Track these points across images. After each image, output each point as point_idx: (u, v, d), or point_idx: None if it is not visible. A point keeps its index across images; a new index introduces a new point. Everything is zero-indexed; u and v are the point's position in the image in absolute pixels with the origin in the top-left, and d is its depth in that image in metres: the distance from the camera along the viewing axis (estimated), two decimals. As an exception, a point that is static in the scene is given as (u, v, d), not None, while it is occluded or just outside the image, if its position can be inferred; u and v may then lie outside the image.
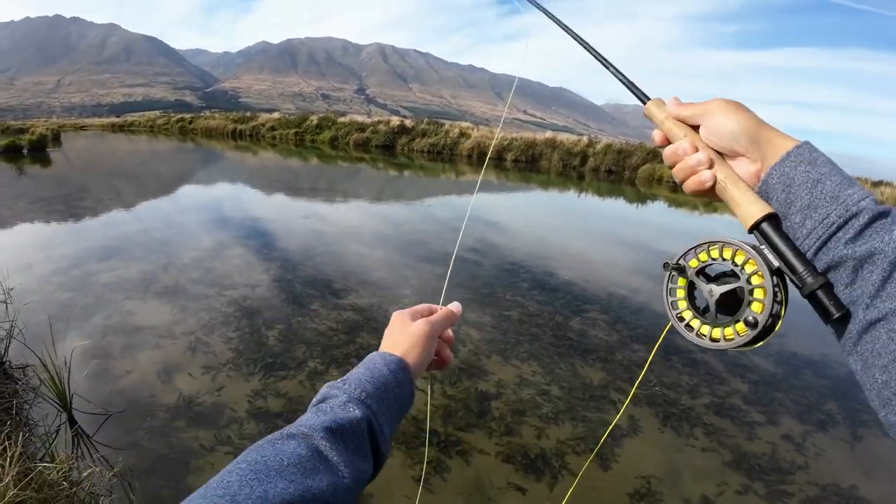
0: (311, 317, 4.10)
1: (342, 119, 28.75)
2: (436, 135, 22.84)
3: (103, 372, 3.20)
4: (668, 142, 0.59)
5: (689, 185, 0.57)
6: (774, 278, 0.51)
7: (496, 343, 3.83)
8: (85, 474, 2.08)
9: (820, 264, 0.48)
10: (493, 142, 20.73)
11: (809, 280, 0.48)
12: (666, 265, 0.60)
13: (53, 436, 2.56)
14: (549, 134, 21.52)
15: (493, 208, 10.23)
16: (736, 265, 0.54)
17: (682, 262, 0.59)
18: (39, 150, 20.10)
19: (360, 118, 30.17)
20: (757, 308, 0.51)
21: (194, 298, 4.41)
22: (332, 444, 0.47)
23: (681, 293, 0.60)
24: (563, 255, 6.75)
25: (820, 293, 0.47)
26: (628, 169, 17.96)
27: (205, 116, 39.07)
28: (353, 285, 4.89)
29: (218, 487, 0.39)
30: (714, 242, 0.56)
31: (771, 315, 0.51)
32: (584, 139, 20.50)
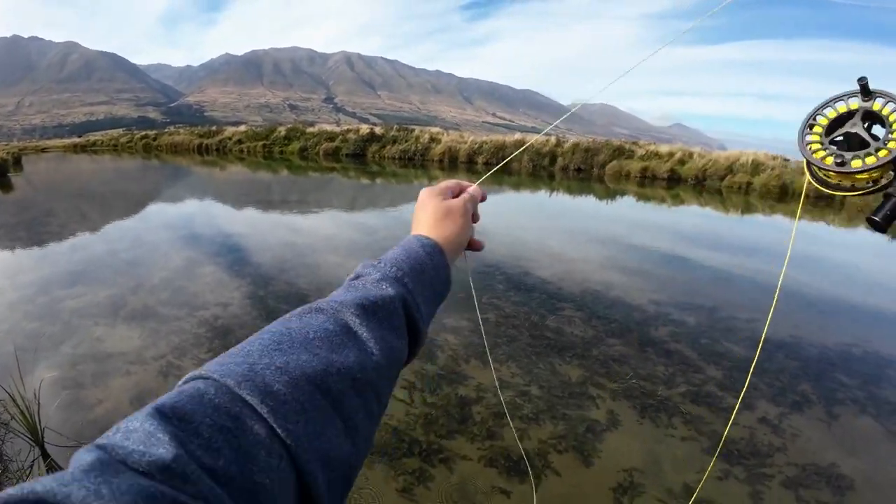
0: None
1: (311, 129, 28.51)
2: (406, 141, 22.85)
3: (75, 402, 3.09)
4: None
5: None
6: (889, 170, 0.55)
7: (474, 347, 3.84)
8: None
9: None
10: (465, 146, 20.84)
11: None
12: (862, 78, 0.61)
13: (27, 471, 2.48)
14: (518, 136, 21.77)
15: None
16: (892, 131, 0.57)
17: (876, 95, 0.61)
18: (0, 176, 19.35)
19: (329, 127, 29.96)
20: (856, 163, 0.56)
21: (164, 321, 4.30)
22: (363, 321, 0.44)
23: (842, 109, 0.63)
24: (537, 254, 6.82)
25: (894, 200, 0.51)
26: (596, 166, 18.31)
27: (169, 132, 38.22)
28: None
29: (238, 354, 0.38)
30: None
31: (855, 181, 0.56)
32: (553, 139, 20.80)
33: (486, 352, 3.79)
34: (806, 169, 0.65)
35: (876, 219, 0.50)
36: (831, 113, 0.64)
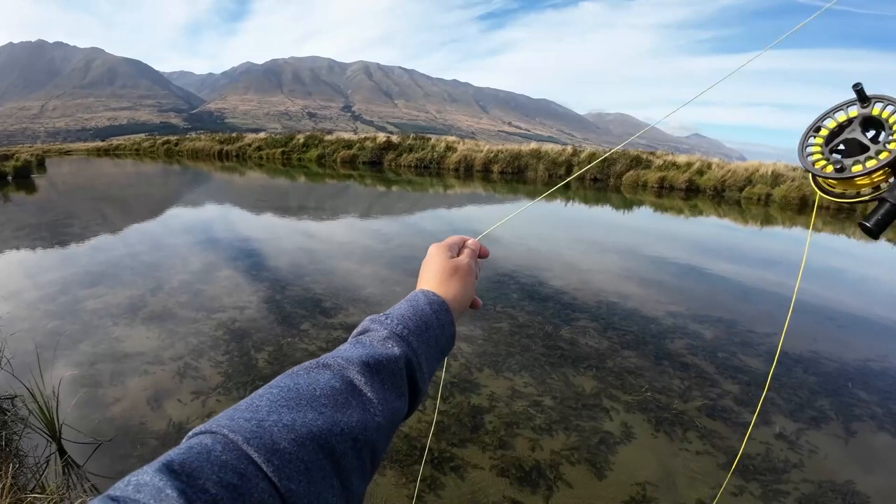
0: (300, 337, 4.08)
1: (329, 137, 28.86)
2: (422, 149, 22.99)
3: (92, 400, 3.15)
4: None
5: None
6: (891, 173, 0.55)
7: (487, 356, 3.83)
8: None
9: None
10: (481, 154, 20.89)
11: None
12: (856, 85, 0.62)
13: (44, 466, 2.53)
14: (533, 145, 21.75)
15: (481, 220, 10.29)
16: (892, 134, 0.58)
17: (872, 100, 0.62)
18: (24, 177, 19.90)
19: (346, 135, 30.30)
20: (856, 168, 0.56)
21: (183, 322, 4.37)
22: (368, 380, 0.45)
23: (842, 118, 0.64)
24: (552, 264, 6.79)
25: (887, 206, 0.50)
26: (613, 176, 18.19)
27: (190, 138, 38.98)
28: (343, 303, 4.88)
29: (247, 409, 0.38)
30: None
31: (856, 187, 0.57)
32: (569, 149, 20.75)
33: (499, 361, 3.77)
34: (811, 181, 0.66)
35: (867, 224, 0.50)
36: (831, 123, 0.64)
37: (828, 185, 0.62)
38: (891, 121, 0.60)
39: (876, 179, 0.56)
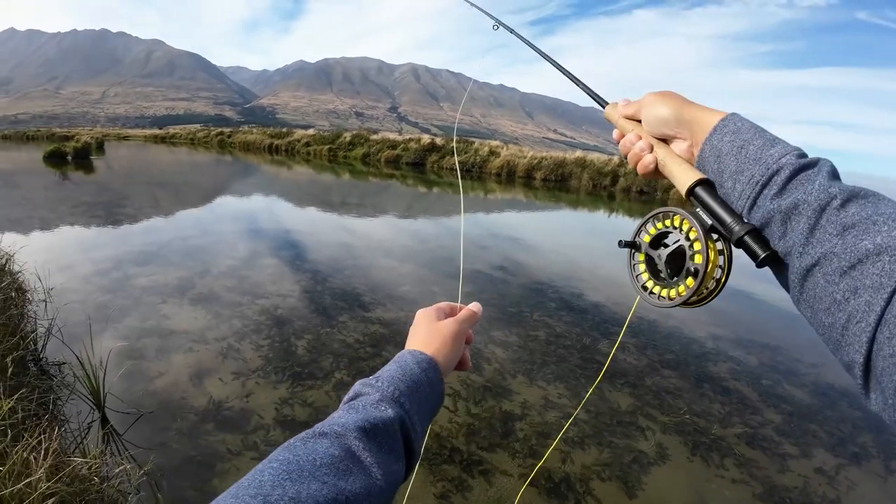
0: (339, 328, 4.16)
1: (374, 136, 29.34)
2: (465, 153, 23.03)
3: (137, 373, 3.30)
4: (622, 137, 0.67)
5: (639, 169, 0.63)
6: (714, 235, 0.55)
7: (522, 363, 3.80)
8: (115, 471, 2.13)
9: (754, 222, 0.50)
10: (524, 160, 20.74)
11: (736, 229, 0.51)
12: (620, 243, 0.66)
13: (86, 432, 2.65)
14: (579, 153, 21.42)
15: (521, 227, 10.22)
16: (679, 229, 0.59)
17: (636, 238, 0.66)
18: (83, 158, 21.14)
19: (391, 136, 30.73)
20: (698, 259, 0.55)
21: (228, 305, 4.53)
22: (366, 445, 0.46)
23: (642, 266, 0.65)
24: (592, 276, 6.67)
25: (747, 238, 0.50)
26: (660, 189, 17.67)
27: (243, 131, 40.45)
28: (381, 299, 4.94)
29: (250, 487, 0.38)
30: (657, 213, 0.62)
31: (714, 278, 0.56)
32: (615, 159, 20.31)
33: (534, 369, 3.73)
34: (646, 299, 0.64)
35: (761, 257, 0.49)
36: (643, 273, 0.65)
37: (697, 295, 0.58)
38: (659, 226, 0.62)
39: (714, 261, 0.55)
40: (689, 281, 0.56)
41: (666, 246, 0.62)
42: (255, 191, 14.33)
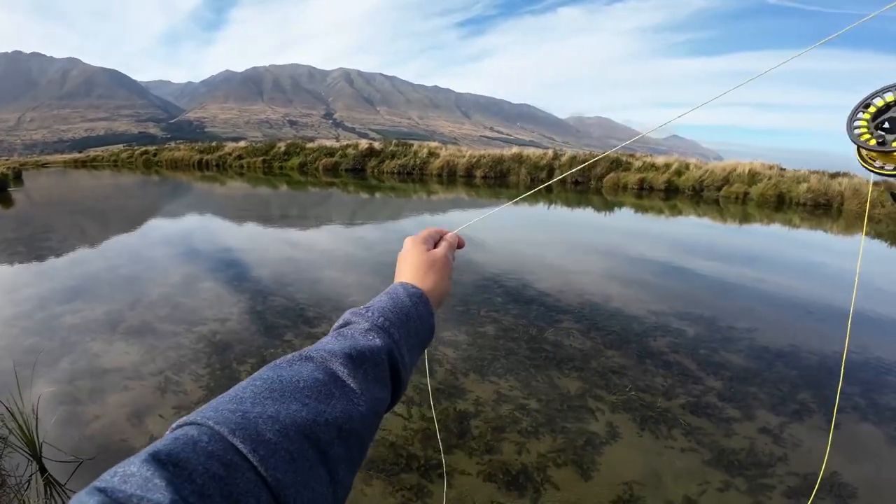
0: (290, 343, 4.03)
1: (310, 144, 28.69)
2: (405, 156, 23.00)
3: (72, 418, 3.08)
4: None
5: None
6: None
7: (472, 360, 3.83)
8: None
9: None
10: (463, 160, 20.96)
11: None
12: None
13: (25, 486, 2.47)
14: (515, 149, 21.92)
15: (463, 223, 10.31)
16: None
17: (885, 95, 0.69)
18: (0, 191, 19.41)
19: (328, 143, 30.17)
20: None
21: (162, 337, 4.29)
22: (351, 371, 0.46)
23: (890, 99, 0.69)
24: (536, 266, 6.83)
25: None
26: (594, 179, 18.40)
27: (169, 148, 38.38)
28: (327, 312, 4.84)
29: (230, 401, 0.38)
30: None
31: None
32: (550, 152, 20.95)
33: (484, 365, 3.78)
34: (856, 154, 0.71)
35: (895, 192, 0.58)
36: (879, 102, 0.70)
37: (870, 157, 0.68)
38: None
39: None
40: (884, 140, 0.64)
41: None
42: (186, 210, 13.65)
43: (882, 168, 0.68)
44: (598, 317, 4.81)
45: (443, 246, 0.68)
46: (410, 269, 0.64)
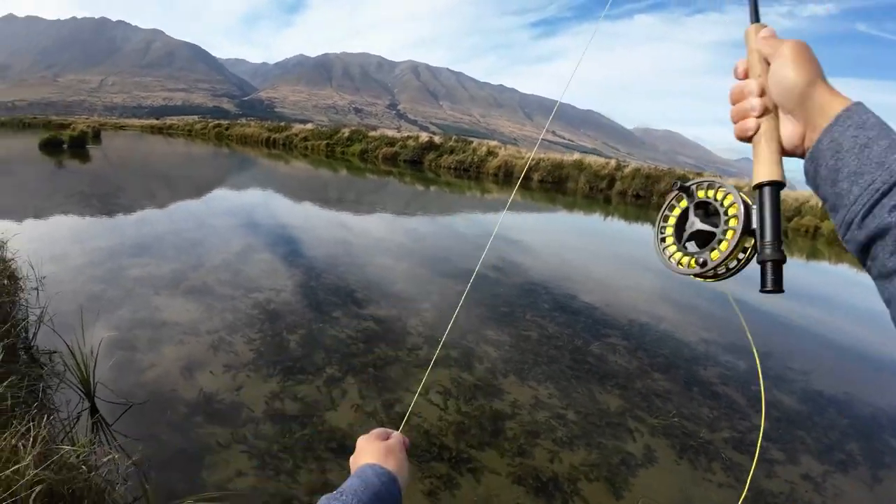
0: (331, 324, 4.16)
1: (373, 133, 29.28)
2: (463, 152, 23.04)
3: (128, 363, 3.29)
4: (746, 75, 0.58)
5: (736, 129, 0.58)
6: (748, 238, 0.55)
7: (513, 363, 3.81)
8: (104, 461, 2.12)
9: (866, 231, 0.46)
10: (525, 163, 20.77)
11: (768, 251, 0.50)
12: (675, 184, 0.65)
13: (75, 421, 2.63)
14: (576, 156, 21.49)
15: (517, 227, 10.23)
16: (726, 213, 0.58)
17: (692, 187, 0.63)
18: (79, 147, 20.97)
19: (390, 133, 30.68)
20: (714, 255, 0.56)
21: (220, 299, 4.52)
22: None
23: (673, 219, 0.65)
24: (586, 278, 6.69)
25: (769, 266, 0.50)
26: (657, 194, 17.75)
27: (241, 124, 40.25)
28: (375, 296, 4.95)
29: None
30: (722, 185, 0.60)
31: (727, 267, 0.56)
32: (612, 162, 20.39)
33: (525, 369, 3.74)
34: (659, 255, 0.65)
35: (767, 289, 0.50)
36: (671, 219, 0.65)
37: (702, 277, 0.60)
38: (718, 196, 0.60)
39: (738, 254, 0.56)
40: (693, 262, 0.58)
41: (708, 214, 0.61)
42: (251, 185, 14.28)
43: (725, 272, 0.58)
44: (646, 337, 4.66)
45: (395, 436, 0.72)
46: (372, 455, 0.67)
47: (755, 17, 0.60)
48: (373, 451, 0.68)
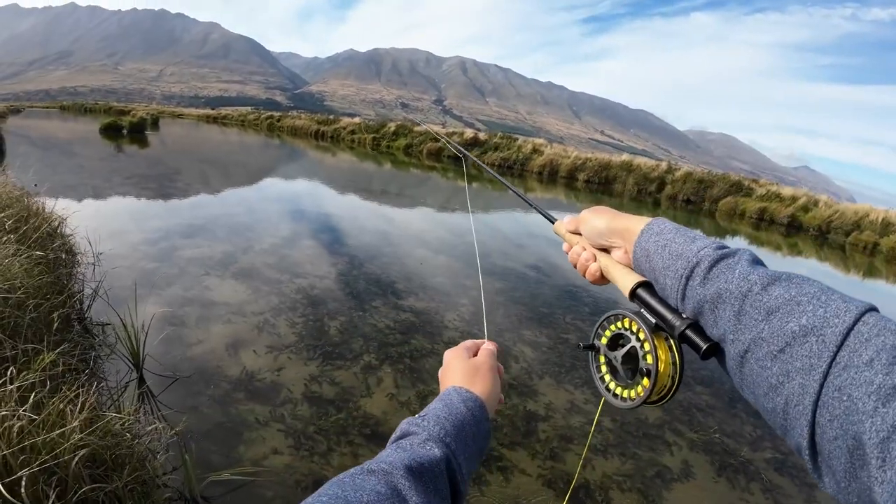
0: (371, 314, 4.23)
1: (418, 128, 29.45)
2: (508, 149, 22.85)
3: (176, 338, 3.45)
4: (570, 249, 0.73)
5: (587, 276, 0.68)
6: (661, 333, 0.57)
7: (550, 364, 3.76)
8: (147, 429, 2.22)
9: (688, 313, 0.52)
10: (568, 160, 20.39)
11: (677, 324, 0.53)
12: (579, 346, 0.68)
13: (122, 390, 2.78)
14: (625, 156, 20.88)
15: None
16: (629, 330, 0.61)
17: (594, 341, 0.66)
18: (138, 132, 22.16)
19: (435, 128, 30.77)
20: (649, 359, 0.56)
21: (267, 282, 4.68)
22: (412, 484, 0.47)
23: (604, 368, 0.65)
24: (628, 283, 6.52)
25: (688, 332, 0.51)
26: (709, 200, 17.04)
27: (292, 116, 41.39)
28: (414, 288, 4.99)
29: None
30: (609, 316, 0.64)
31: (669, 376, 0.56)
32: (663, 165, 19.71)
33: (562, 372, 3.69)
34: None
35: (703, 346, 0.50)
36: (606, 374, 0.64)
37: (657, 394, 0.58)
38: (617, 326, 0.62)
39: (665, 360, 0.56)
40: (645, 381, 0.57)
41: (622, 346, 0.63)
42: (299, 174, 14.67)
43: (671, 388, 0.57)
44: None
45: (483, 353, 0.70)
46: (459, 376, 0.65)
47: (551, 220, 0.80)
48: (461, 371, 0.66)
